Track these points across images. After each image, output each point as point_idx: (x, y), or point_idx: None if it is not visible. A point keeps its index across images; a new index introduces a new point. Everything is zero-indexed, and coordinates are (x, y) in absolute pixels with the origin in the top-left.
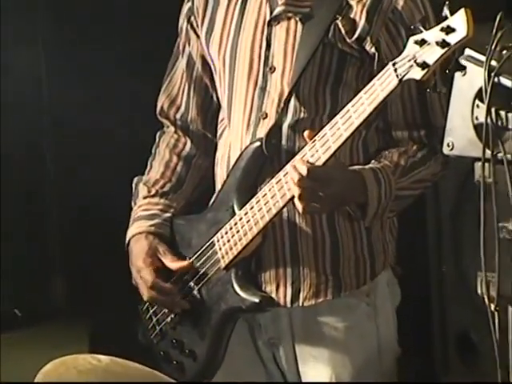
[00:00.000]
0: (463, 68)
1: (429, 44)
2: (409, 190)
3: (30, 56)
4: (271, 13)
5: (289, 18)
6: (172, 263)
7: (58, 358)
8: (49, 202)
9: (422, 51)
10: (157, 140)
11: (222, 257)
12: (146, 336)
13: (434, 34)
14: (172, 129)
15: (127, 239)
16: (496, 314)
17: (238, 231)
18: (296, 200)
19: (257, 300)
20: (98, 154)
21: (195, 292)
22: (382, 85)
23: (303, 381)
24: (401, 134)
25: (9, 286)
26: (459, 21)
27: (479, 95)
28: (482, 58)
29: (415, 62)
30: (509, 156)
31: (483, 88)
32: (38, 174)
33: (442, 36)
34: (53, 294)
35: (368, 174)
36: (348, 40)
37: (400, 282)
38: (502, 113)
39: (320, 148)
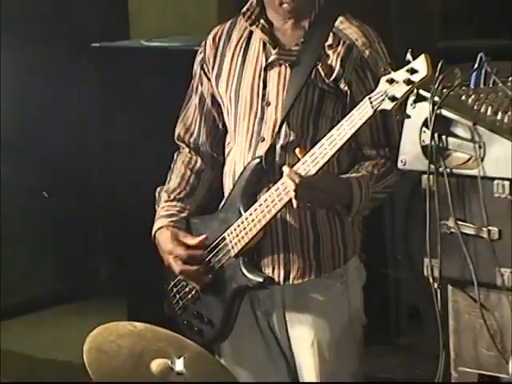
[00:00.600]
0: (424, 99)
1: (397, 82)
2: (380, 194)
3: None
4: (266, 60)
5: (280, 64)
6: (192, 240)
7: (102, 324)
8: (99, 203)
9: (391, 88)
10: (175, 158)
11: (232, 247)
12: (171, 309)
13: (400, 75)
14: (186, 150)
15: (153, 233)
16: (438, 290)
17: (244, 228)
18: (293, 200)
19: (261, 280)
20: (132, 167)
21: (211, 275)
22: (360, 114)
23: (291, 341)
24: (370, 151)
25: (70, 266)
26: (420, 64)
27: (425, 123)
28: (428, 94)
29: (387, 96)
30: (448, 170)
31: (428, 118)
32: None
33: (407, 76)
34: (102, 275)
35: (353, 181)
36: (326, 81)
37: (365, 266)
38: (443, 137)
39: (311, 163)
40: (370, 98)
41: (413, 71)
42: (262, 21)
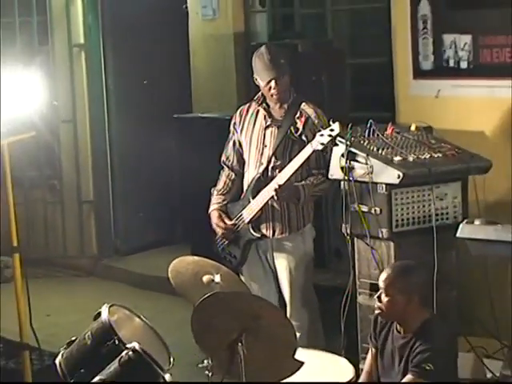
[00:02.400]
0: (341, 143)
1: (324, 135)
2: (319, 192)
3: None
4: (265, 124)
5: (272, 126)
6: (227, 220)
7: (179, 257)
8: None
9: (322, 138)
10: (221, 172)
11: (246, 218)
12: (216, 250)
13: (326, 132)
14: (226, 168)
15: (209, 212)
16: (350, 241)
17: (251, 208)
18: (274, 196)
19: (259, 235)
20: (200, 179)
21: (235, 234)
22: (305, 152)
23: (276, 266)
24: (314, 170)
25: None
26: (336, 126)
27: (342, 155)
28: (343, 140)
29: (319, 142)
30: (353, 179)
31: (344, 153)
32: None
33: (330, 132)
34: (180, 233)
35: (300, 187)
36: (295, 135)
37: (314, 227)
38: (352, 162)
39: (283, 177)
40: (311, 144)
41: (332, 130)
42: (264, 104)
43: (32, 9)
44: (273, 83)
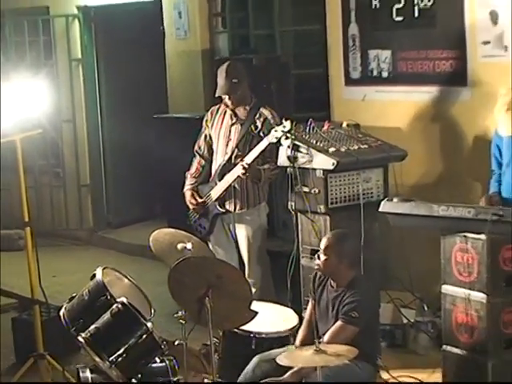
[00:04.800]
0: (288, 137)
1: (277, 131)
2: (271, 177)
3: None
4: (231, 121)
5: (236, 124)
6: (198, 198)
7: (158, 229)
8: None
9: (276, 133)
10: (194, 159)
11: (213, 196)
12: (189, 223)
13: (279, 128)
14: (198, 156)
15: (184, 191)
16: (294, 215)
17: (218, 189)
18: (241, 175)
19: (224, 210)
20: (176, 165)
21: (204, 208)
22: (263, 143)
23: (237, 235)
24: (268, 159)
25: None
26: (287, 123)
27: (289, 146)
28: (289, 135)
29: (274, 136)
30: (297, 166)
31: (290, 144)
32: None
33: (282, 128)
34: (158, 209)
35: (262, 170)
36: (254, 132)
37: (268, 205)
38: (296, 153)
39: (249, 158)
40: (267, 138)
41: (284, 126)
42: (230, 106)
43: (39, 30)
44: (226, 98)
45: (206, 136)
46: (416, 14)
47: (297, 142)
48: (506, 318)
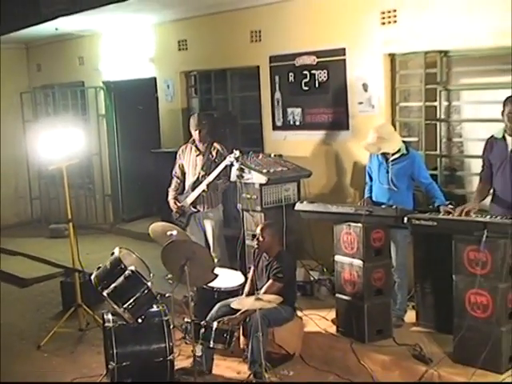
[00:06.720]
0: (238, 161)
1: (231, 157)
2: (225, 188)
3: None
4: (196, 153)
5: (199, 155)
6: (178, 203)
7: (154, 223)
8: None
9: (230, 159)
10: (172, 180)
11: (188, 202)
12: (174, 219)
13: (232, 155)
14: (175, 178)
15: (168, 200)
16: (241, 213)
17: (190, 198)
18: (205, 189)
19: (196, 210)
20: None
21: (183, 210)
22: (221, 166)
23: (206, 227)
24: (223, 177)
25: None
26: (237, 153)
27: (237, 168)
28: (239, 160)
29: (229, 161)
30: (243, 181)
31: (238, 167)
32: None
33: (234, 155)
34: (155, 210)
35: (219, 184)
36: (211, 159)
37: (224, 206)
38: (242, 172)
39: (210, 178)
40: (224, 162)
41: (235, 155)
42: (194, 143)
43: (77, 96)
44: (197, 132)
45: (179, 164)
46: (317, 85)
47: (242, 166)
48: (376, 276)
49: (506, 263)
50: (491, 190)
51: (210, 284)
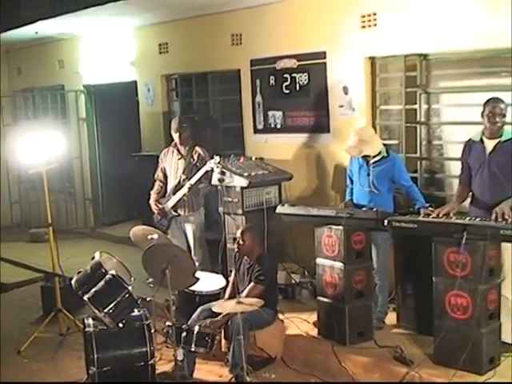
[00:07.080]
0: (219, 166)
1: (211, 162)
2: (206, 192)
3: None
4: (178, 157)
5: (180, 158)
6: (160, 206)
7: (136, 226)
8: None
9: (211, 164)
10: (155, 183)
11: (169, 205)
12: (155, 222)
13: (213, 160)
14: (158, 181)
15: (150, 202)
16: (223, 216)
17: (172, 201)
18: (187, 192)
19: (176, 214)
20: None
21: (164, 213)
22: (202, 170)
23: (186, 231)
24: (205, 180)
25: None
26: (217, 158)
27: (218, 172)
28: (219, 165)
29: (209, 166)
30: (224, 185)
31: (219, 171)
32: None
33: (214, 160)
34: (136, 214)
35: (200, 188)
36: (193, 163)
37: (205, 208)
38: (223, 176)
39: (192, 181)
40: (205, 167)
41: (216, 160)
42: (176, 147)
43: (57, 100)
44: (178, 135)
45: (161, 168)
46: (297, 88)
47: (223, 169)
48: (356, 278)
49: (485, 265)
50: (470, 193)
51: (192, 288)
